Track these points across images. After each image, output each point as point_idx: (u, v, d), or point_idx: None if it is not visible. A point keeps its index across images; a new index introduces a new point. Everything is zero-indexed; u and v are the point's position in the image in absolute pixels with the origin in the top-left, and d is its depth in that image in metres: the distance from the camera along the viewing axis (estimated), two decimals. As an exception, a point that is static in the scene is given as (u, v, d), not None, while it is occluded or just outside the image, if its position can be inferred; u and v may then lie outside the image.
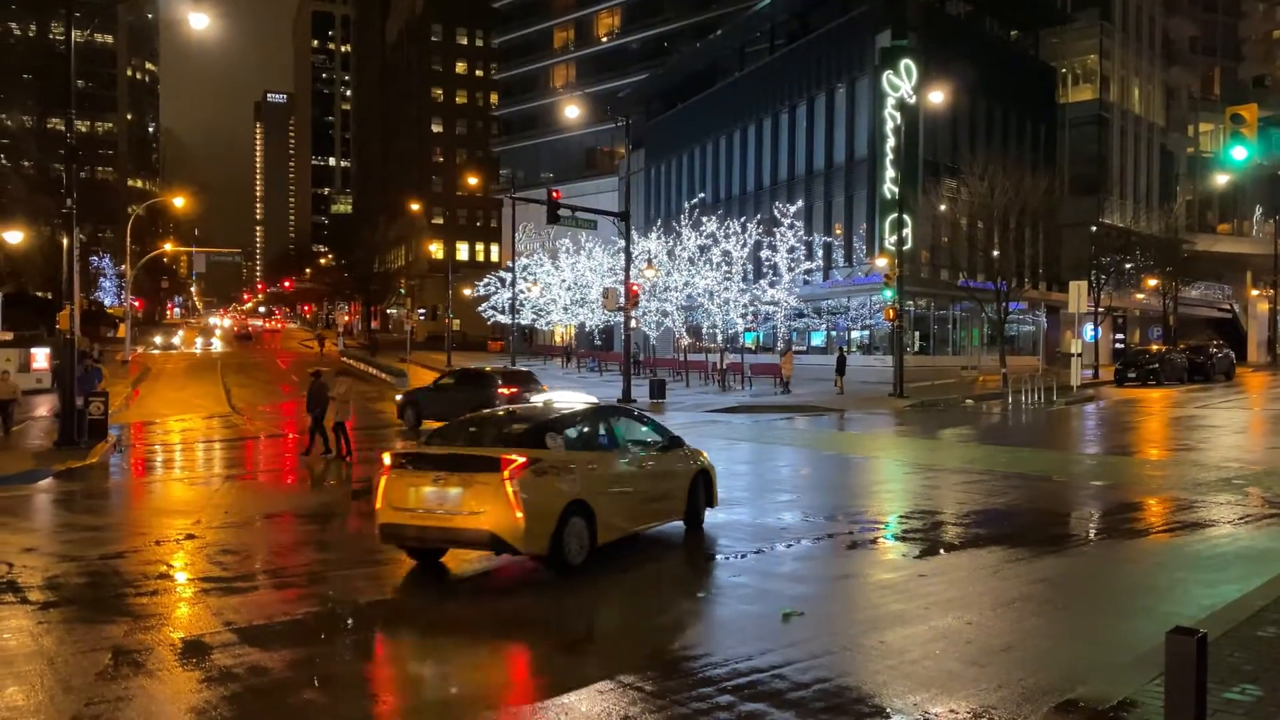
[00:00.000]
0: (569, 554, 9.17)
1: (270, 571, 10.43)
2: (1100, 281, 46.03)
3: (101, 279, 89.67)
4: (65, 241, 24.22)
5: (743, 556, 10.44)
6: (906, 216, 36.90)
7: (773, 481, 17.03)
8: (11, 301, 61.24)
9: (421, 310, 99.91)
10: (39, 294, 66.21)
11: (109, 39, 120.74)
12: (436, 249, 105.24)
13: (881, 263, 39.05)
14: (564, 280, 57.35)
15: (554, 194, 32.97)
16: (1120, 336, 59.63)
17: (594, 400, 14.36)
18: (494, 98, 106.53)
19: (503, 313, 63.01)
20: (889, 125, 43.75)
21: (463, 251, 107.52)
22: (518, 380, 25.22)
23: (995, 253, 40.36)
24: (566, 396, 13.55)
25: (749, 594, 8.91)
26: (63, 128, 25.19)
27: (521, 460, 8.95)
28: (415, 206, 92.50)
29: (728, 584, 9.32)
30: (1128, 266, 49.24)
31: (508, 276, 58.11)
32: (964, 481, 15.67)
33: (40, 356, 37.88)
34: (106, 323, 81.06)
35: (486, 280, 67.94)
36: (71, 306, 23.85)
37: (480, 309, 68.13)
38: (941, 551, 10.81)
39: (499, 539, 8.92)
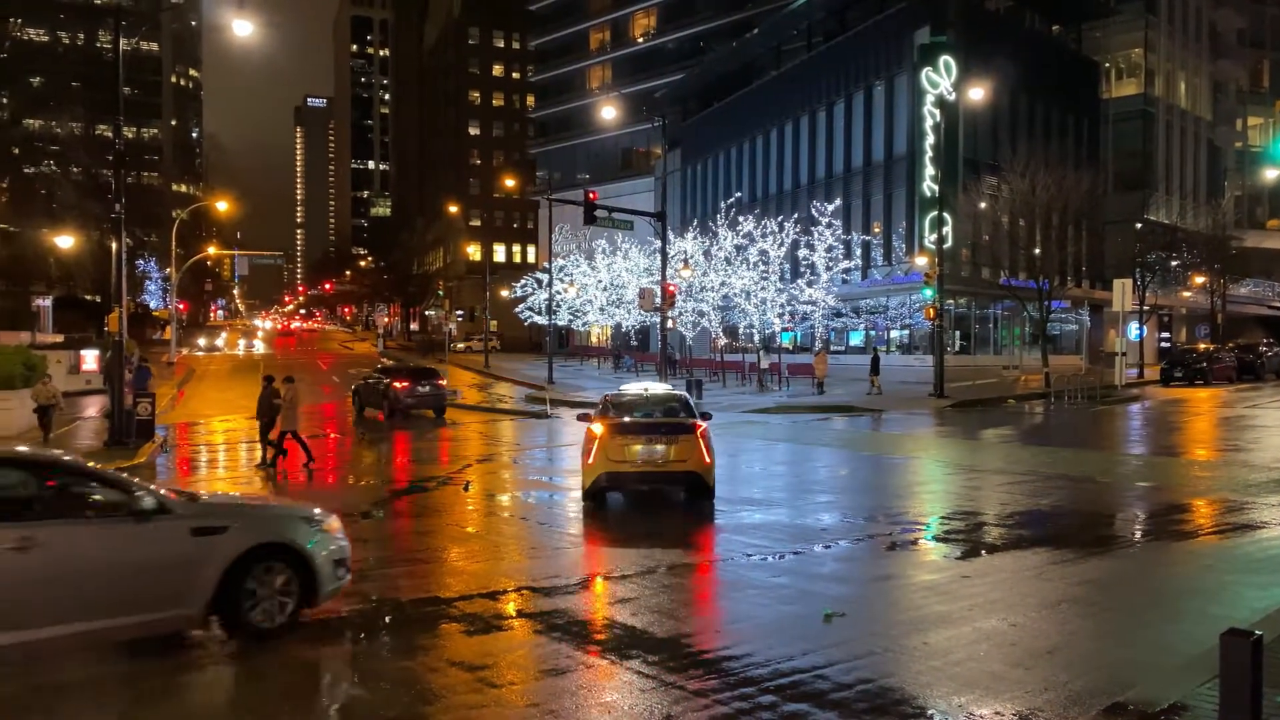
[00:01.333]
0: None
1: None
2: (1145, 279, 45.24)
3: (147, 282, 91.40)
4: (114, 246, 24.71)
5: (781, 557, 10.42)
6: (946, 214, 36.50)
7: (811, 482, 16.95)
8: (62, 305, 62.74)
9: (459, 311, 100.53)
10: (88, 297, 67.66)
11: (154, 46, 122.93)
12: (474, 251, 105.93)
13: (921, 261, 38.69)
14: (600, 281, 57.50)
15: (590, 195, 33.06)
16: (1166, 335, 58.54)
17: (670, 388, 16.84)
18: (530, 100, 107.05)
19: (539, 314, 63.31)
20: (928, 122, 43.33)
21: (500, 253, 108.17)
22: (425, 375, 31.79)
23: (1037, 250, 39.81)
24: (649, 385, 17.47)
25: (789, 594, 8.89)
26: (110, 134, 25.82)
27: (704, 425, 13.65)
28: (453, 209, 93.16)
29: (768, 584, 9.30)
30: (1174, 264, 48.33)
31: (544, 277, 58.39)
32: (1006, 482, 15.49)
33: (90, 358, 38.67)
34: (152, 325, 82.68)
35: (523, 281, 68.32)
36: (120, 309, 24.36)
37: (517, 310, 68.53)
38: (983, 553, 10.70)
39: (697, 475, 13.30)
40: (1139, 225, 49.22)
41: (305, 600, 7.65)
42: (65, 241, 49.76)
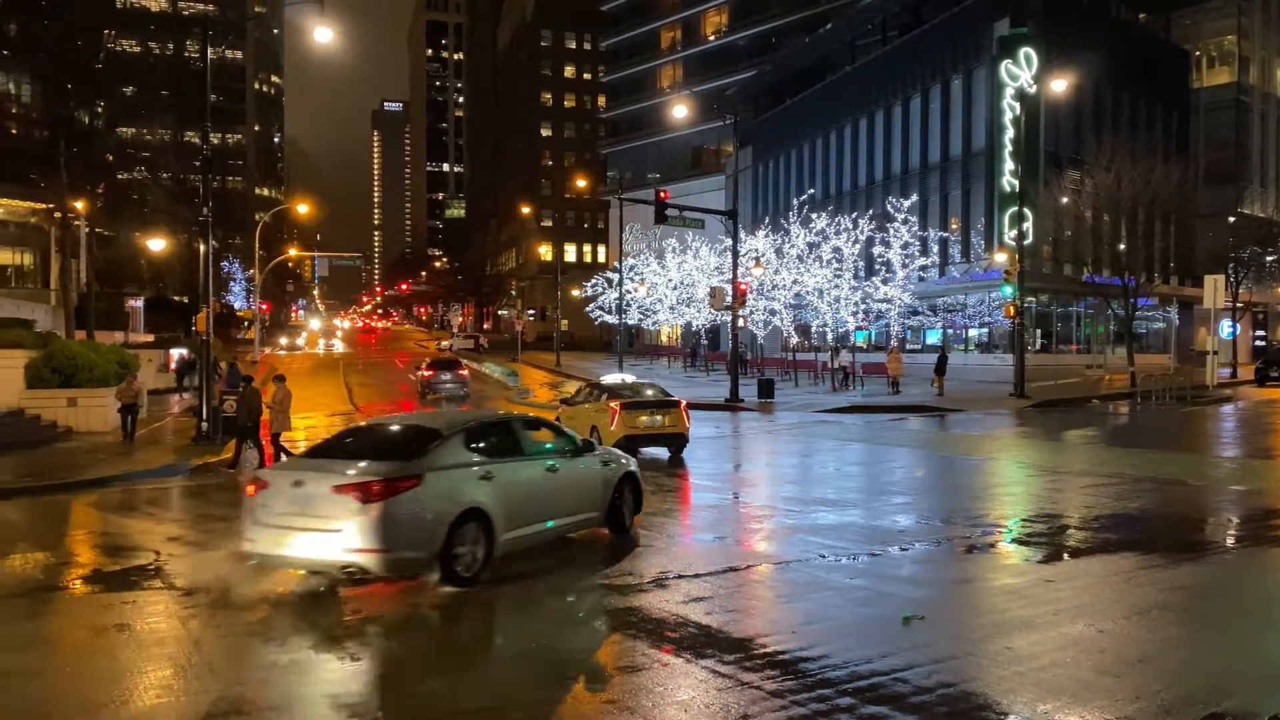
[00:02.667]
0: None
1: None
2: (1239, 275, 43.50)
3: (232, 283, 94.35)
4: (201, 248, 25.57)
5: (856, 558, 10.27)
6: (1027, 210, 35.59)
7: (886, 483, 16.68)
8: (153, 305, 65.13)
9: (531, 311, 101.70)
10: (177, 298, 70.16)
11: (238, 55, 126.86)
12: (545, 251, 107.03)
13: (1000, 258, 37.82)
14: (670, 280, 57.47)
15: (661, 194, 33.08)
16: (1261, 334, 56.18)
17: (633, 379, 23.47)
18: (601, 100, 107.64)
19: (610, 313, 63.56)
20: (1007, 116, 42.34)
21: (570, 253, 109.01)
22: (448, 366, 38.54)
23: (1122, 246, 38.57)
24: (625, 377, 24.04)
25: (866, 596, 8.76)
26: (198, 141, 26.78)
27: (685, 401, 20.31)
28: (525, 209, 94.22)
29: (843, 585, 9.18)
30: (1269, 259, 46.36)
31: (615, 277, 58.62)
32: (1090, 485, 15.03)
33: (178, 357, 40.06)
34: (236, 324, 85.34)
35: (594, 281, 68.67)
36: (207, 310, 25.21)
37: (588, 309, 68.90)
38: (1067, 557, 10.39)
39: (684, 435, 19.39)
40: (1232, 219, 47.33)
41: (636, 509, 11.88)
42: (156, 244, 51.64)
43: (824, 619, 8.04)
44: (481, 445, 9.76)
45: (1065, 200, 40.50)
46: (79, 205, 43.61)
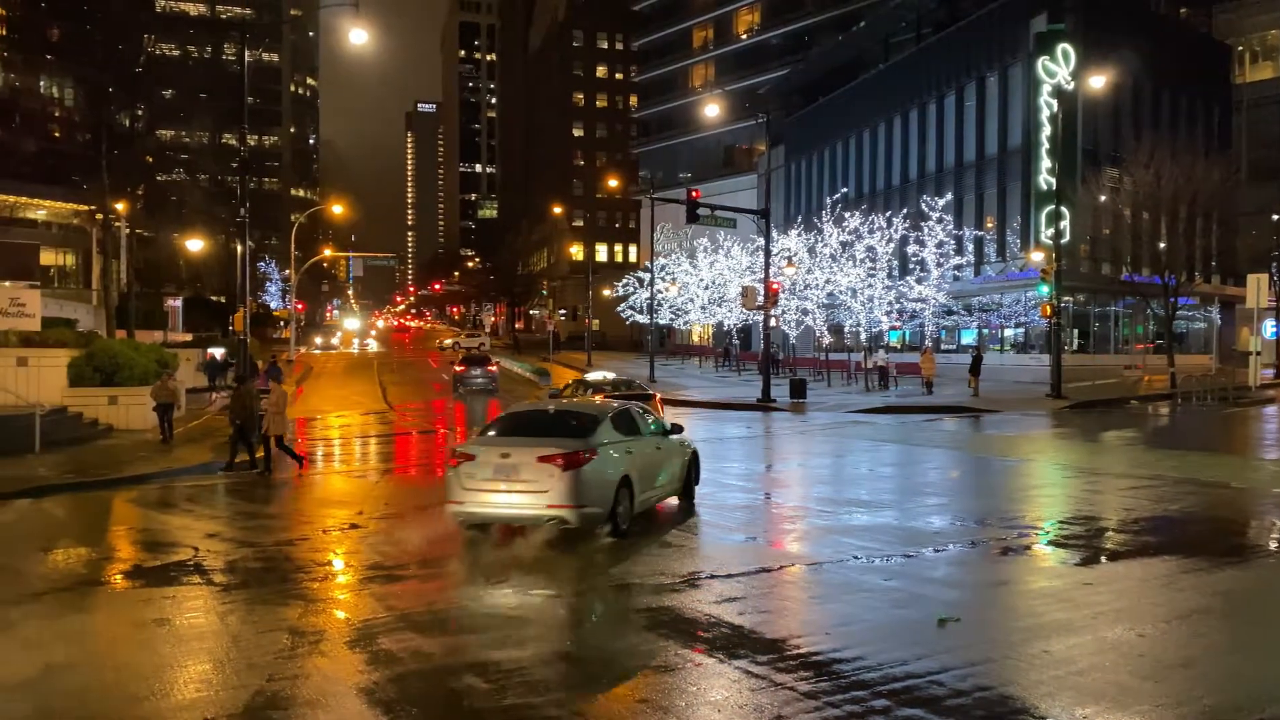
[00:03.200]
0: None
1: (428, 561, 10.85)
2: (1283, 274, 42.63)
3: (268, 283, 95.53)
4: (239, 249, 25.91)
5: (890, 559, 10.19)
6: (1064, 208, 35.11)
7: (920, 484, 16.54)
8: (191, 305, 66.05)
9: (563, 311, 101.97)
10: (214, 298, 71.15)
11: (275, 57, 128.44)
12: (577, 251, 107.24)
13: (1037, 257, 37.34)
14: (702, 279, 57.38)
15: (693, 193, 33.04)
16: (1306, 333, 54.97)
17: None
18: (633, 100, 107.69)
19: (641, 313, 63.58)
20: (1044, 113, 41.81)
21: (602, 253, 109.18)
22: (480, 362, 41.56)
23: (1162, 245, 37.93)
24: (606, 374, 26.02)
25: (901, 598, 8.69)
26: (235, 143, 27.15)
27: (659, 394, 23.85)
28: (557, 210, 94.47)
29: (878, 587, 9.11)
30: (1314, 257, 45.39)
31: (646, 276, 58.62)
32: (1130, 487, 14.81)
33: (216, 356, 40.59)
34: (272, 324, 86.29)
35: (625, 281, 68.72)
36: (244, 309, 25.54)
37: (619, 309, 68.97)
38: (1105, 559, 10.26)
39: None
40: (1276, 217, 46.38)
41: (696, 483, 14.15)
42: (194, 245, 52.39)
43: (858, 620, 7.98)
44: (622, 427, 12.09)
45: (1103, 198, 39.91)
46: (119, 206, 44.34)
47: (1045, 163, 41.61)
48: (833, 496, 14.94)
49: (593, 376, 25.88)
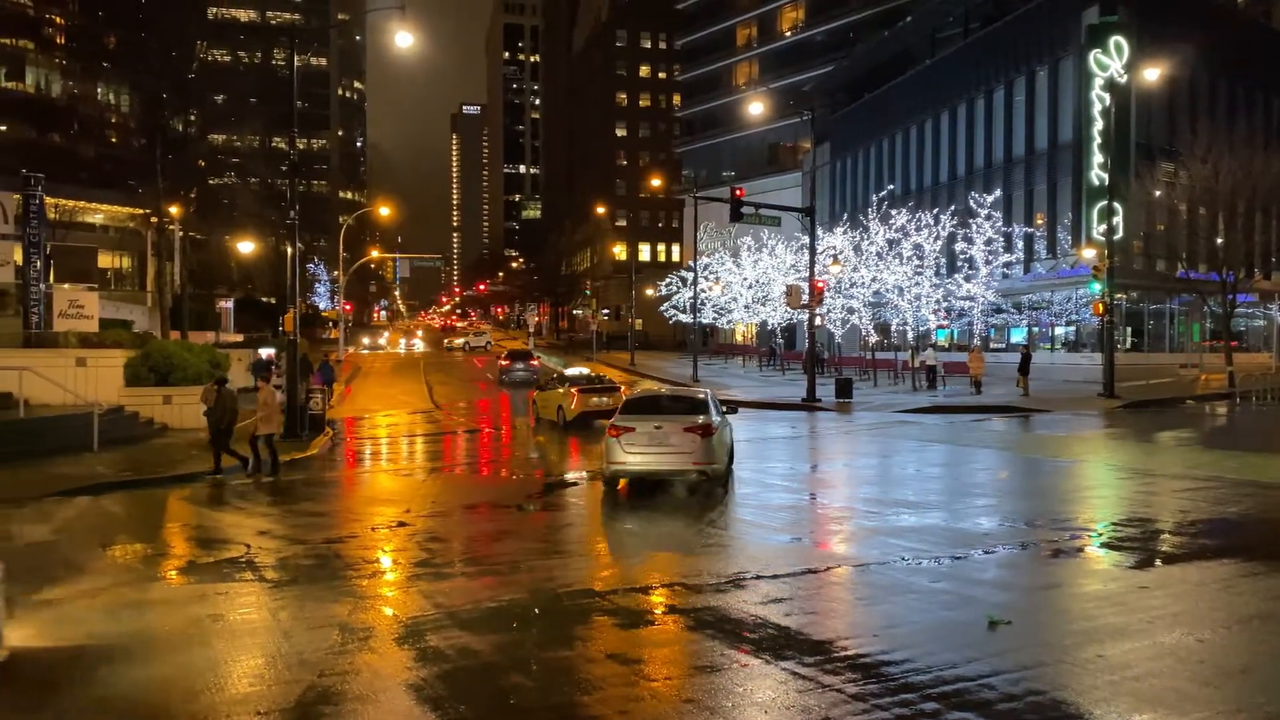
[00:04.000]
0: None
1: (474, 559, 10.95)
2: (1346, 270, 41.34)
3: (317, 284, 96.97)
4: (288, 250, 26.32)
5: (939, 561, 10.06)
6: (1117, 204, 34.40)
7: (968, 485, 16.31)
8: (242, 306, 67.36)
9: (605, 310, 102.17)
10: (264, 299, 72.41)
11: (323, 62, 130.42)
12: (620, 250, 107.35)
13: (1089, 253, 36.64)
14: (745, 278, 57.16)
15: (737, 192, 32.91)
16: (1371, 331, 53.29)
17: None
18: (676, 99, 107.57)
19: (684, 312, 63.52)
20: (1096, 107, 41.02)
21: (645, 252, 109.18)
22: (522, 356, 46.86)
23: (1219, 240, 36.99)
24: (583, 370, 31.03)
25: (950, 600, 8.57)
26: (285, 146, 27.65)
27: (625, 390, 25.38)
28: (600, 209, 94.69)
29: (926, 589, 9.00)
30: (1379, 253, 43.93)
31: (689, 276, 58.52)
32: (1186, 488, 14.47)
33: (264, 356, 41.29)
34: (321, 325, 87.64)
35: (668, 280, 68.68)
36: (294, 310, 25.93)
37: (662, 309, 68.93)
38: (1160, 562, 10.04)
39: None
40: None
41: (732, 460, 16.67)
42: (245, 247, 53.34)
43: (906, 622, 7.89)
44: (718, 408, 15.94)
45: (1158, 193, 39.03)
46: (173, 210, 45.32)
47: (1097, 157, 40.83)
48: (879, 497, 14.79)
49: (571, 372, 31.03)
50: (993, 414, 28.22)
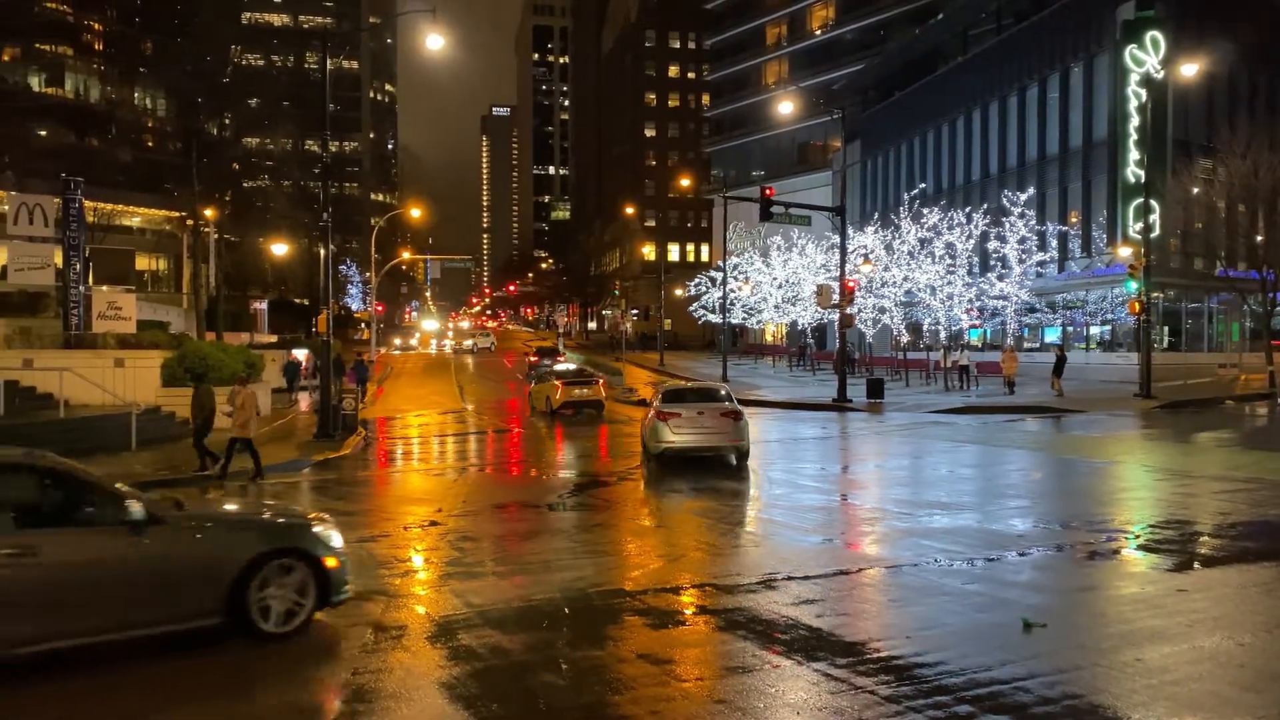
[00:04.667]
0: None
1: (505, 558, 11.00)
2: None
3: (349, 285, 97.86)
4: (322, 252, 26.59)
5: (972, 563, 9.97)
6: (1153, 201, 33.91)
7: (1002, 486, 16.15)
8: (276, 307, 68.12)
9: (634, 311, 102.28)
10: (298, 300, 73.20)
11: (354, 65, 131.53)
12: (649, 251, 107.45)
13: (1125, 252, 36.11)
14: (775, 278, 56.95)
15: (766, 191, 32.81)
16: None
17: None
18: (705, 99, 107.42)
19: (713, 312, 63.38)
20: (1132, 103, 40.46)
21: (674, 252, 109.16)
22: (550, 353, 53.05)
23: (1260, 238, 36.34)
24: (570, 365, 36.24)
25: (983, 602, 8.49)
26: (318, 149, 27.89)
27: (604, 378, 34.14)
28: (629, 210, 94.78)
29: (959, 591, 8.92)
30: None
31: (718, 276, 58.40)
32: (1225, 490, 14.23)
33: (300, 356, 41.73)
34: (353, 325, 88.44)
35: (697, 280, 68.58)
36: (327, 311, 26.19)
37: (691, 309, 68.84)
38: (1199, 565, 9.87)
39: (601, 402, 30.96)
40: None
41: None
42: (279, 249, 53.91)
43: (939, 624, 7.83)
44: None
45: (1196, 190, 38.42)
46: (208, 212, 45.91)
47: (1133, 154, 40.28)
48: (911, 498, 14.68)
49: (560, 367, 35.95)
50: (1026, 415, 27.91)
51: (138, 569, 6.89)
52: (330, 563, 7.72)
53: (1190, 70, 34.77)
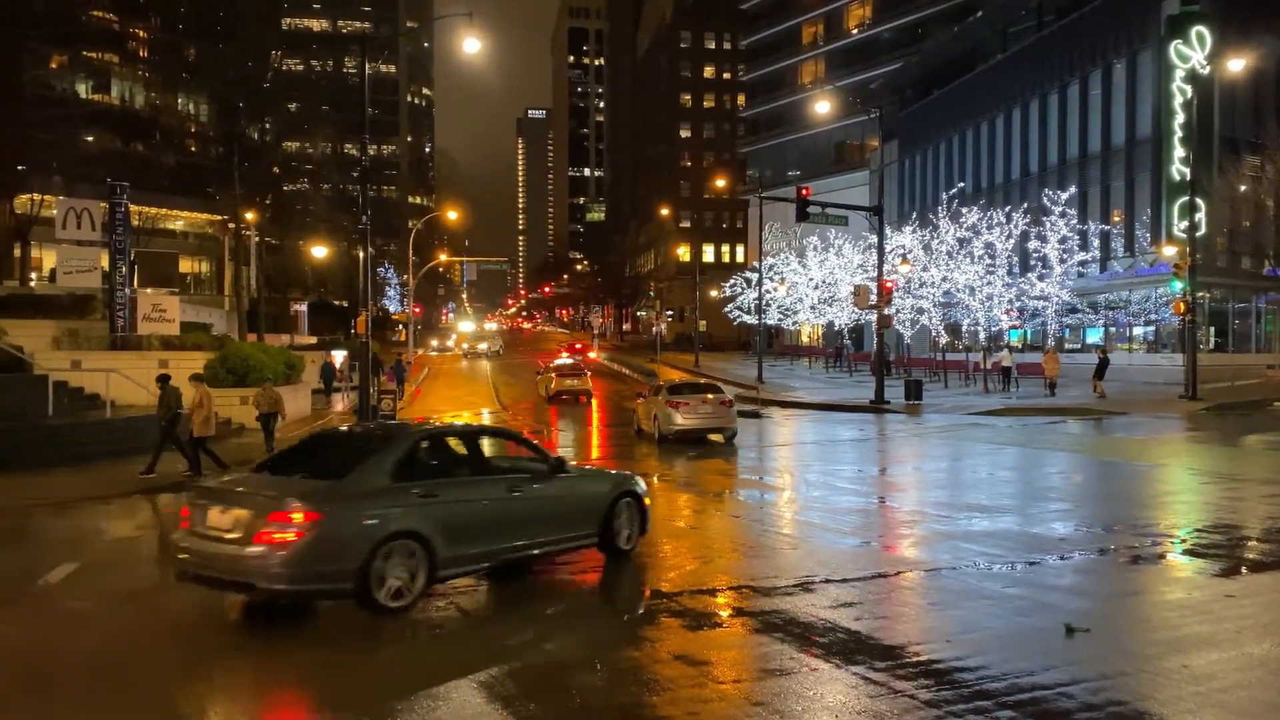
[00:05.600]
0: None
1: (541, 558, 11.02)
2: None
3: (387, 287, 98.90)
4: (361, 254, 26.89)
5: (1013, 566, 9.84)
6: (1199, 199, 33.27)
7: (1043, 489, 15.93)
8: (315, 309, 69.01)
9: (669, 312, 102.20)
10: (337, 302, 74.09)
11: (392, 69, 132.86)
12: (683, 252, 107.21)
13: (1169, 251, 35.49)
14: (811, 279, 56.61)
15: (803, 191, 32.66)
16: None
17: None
18: (740, 99, 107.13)
19: (749, 313, 63.15)
20: (1177, 100, 39.75)
21: (709, 253, 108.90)
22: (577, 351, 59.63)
23: (1310, 236, 35.56)
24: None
25: (1026, 606, 8.37)
26: (356, 153, 28.14)
27: (590, 373, 42.46)
28: (664, 211, 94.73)
29: (1000, 594, 8.80)
30: None
31: (753, 276, 58.18)
32: (1275, 494, 13.93)
33: (339, 358, 42.22)
34: (391, 327, 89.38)
35: (732, 281, 68.36)
36: (365, 313, 26.48)
37: (726, 310, 68.65)
38: (1247, 570, 9.67)
39: (589, 390, 38.67)
40: None
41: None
42: (318, 251, 54.60)
43: (980, 628, 7.73)
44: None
45: (1243, 188, 37.65)
46: (249, 216, 46.59)
47: (1178, 152, 39.56)
48: (950, 501, 14.53)
49: (556, 363, 42.78)
50: (1068, 417, 27.52)
51: (562, 501, 9.74)
52: (646, 501, 10.65)
53: (1237, 65, 34.10)
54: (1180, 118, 39.60)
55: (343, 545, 7.68)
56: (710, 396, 22.76)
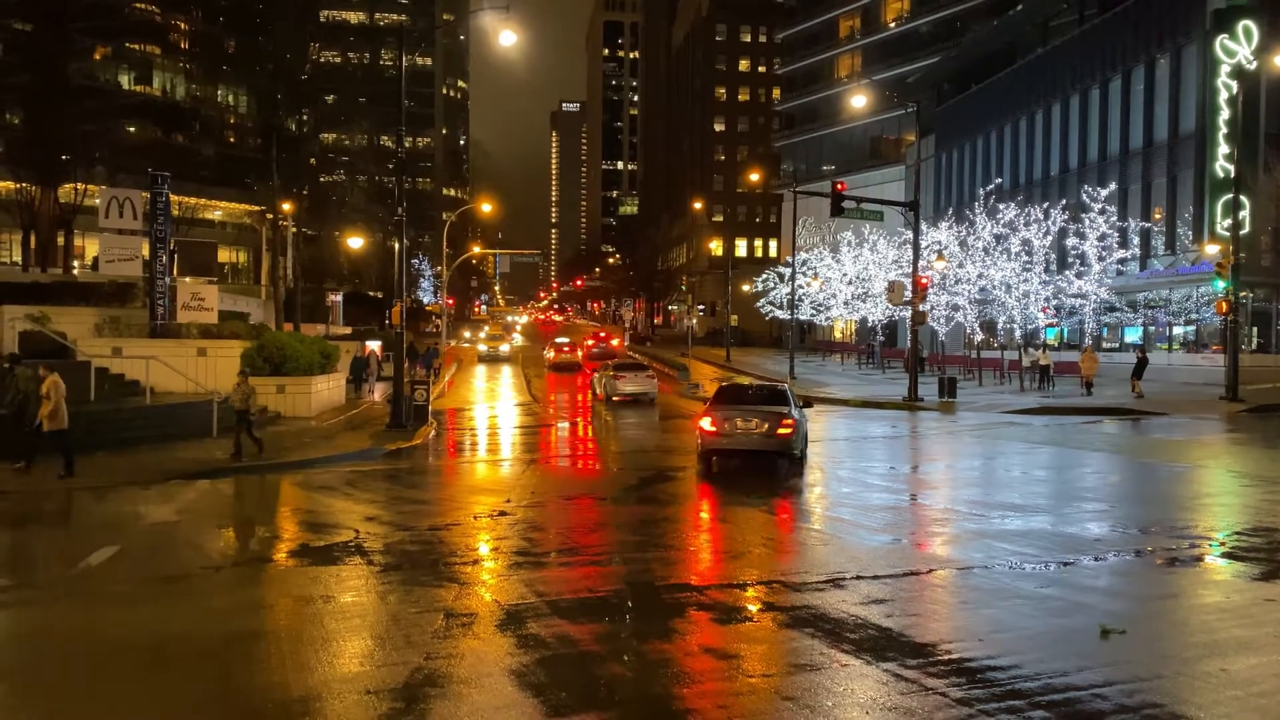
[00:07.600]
0: None
1: (573, 549, 11.10)
2: None
3: (421, 279, 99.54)
4: (396, 246, 27.08)
5: (1047, 566, 9.75)
6: (1244, 197, 32.59)
7: (1078, 489, 15.74)
8: (350, 300, 69.62)
9: (701, 306, 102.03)
10: (372, 293, 74.69)
11: (428, 61, 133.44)
12: (716, 246, 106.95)
13: (1212, 249, 34.83)
14: (845, 274, 56.26)
15: (838, 185, 32.44)
16: None
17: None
18: (775, 92, 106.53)
19: (781, 308, 62.88)
20: (1222, 96, 38.99)
21: (741, 248, 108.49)
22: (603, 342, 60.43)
23: (1357, 236, 34.74)
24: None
25: (1060, 607, 8.30)
26: (392, 145, 28.37)
27: (583, 359, 53.05)
28: (697, 205, 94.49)
29: (1034, 594, 8.73)
30: None
31: (786, 271, 57.90)
32: (1318, 498, 13.66)
33: (373, 348, 42.58)
34: (424, 318, 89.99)
35: (765, 276, 68.09)
36: (400, 304, 26.69)
37: (758, 305, 68.42)
38: (1291, 575, 9.49)
39: (578, 363, 53.67)
40: None
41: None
42: (355, 243, 55.05)
43: (1013, 628, 7.68)
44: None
45: (1290, 186, 36.84)
46: (286, 207, 47.04)
47: (1223, 148, 38.82)
48: (983, 499, 14.40)
49: (556, 341, 50.57)
50: (1104, 416, 27.14)
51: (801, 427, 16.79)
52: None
53: (1285, 60, 33.35)
54: (1225, 114, 38.85)
55: (803, 435, 16.88)
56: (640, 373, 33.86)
